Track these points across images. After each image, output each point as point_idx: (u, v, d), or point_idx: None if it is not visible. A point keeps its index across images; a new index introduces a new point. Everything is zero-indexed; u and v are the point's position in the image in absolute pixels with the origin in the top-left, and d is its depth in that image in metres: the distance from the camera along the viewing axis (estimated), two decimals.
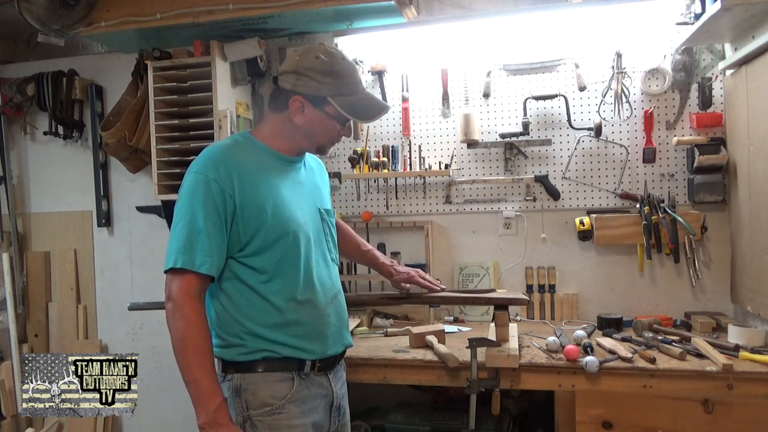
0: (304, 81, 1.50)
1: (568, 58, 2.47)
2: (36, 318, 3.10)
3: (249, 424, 1.43)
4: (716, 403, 1.77)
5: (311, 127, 1.53)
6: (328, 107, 1.51)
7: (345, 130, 1.59)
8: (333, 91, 1.50)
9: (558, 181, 2.51)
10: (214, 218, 1.41)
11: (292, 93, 1.51)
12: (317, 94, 1.50)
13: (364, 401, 2.67)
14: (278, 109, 1.55)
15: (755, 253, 2.07)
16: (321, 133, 1.55)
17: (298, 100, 1.50)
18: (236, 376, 1.45)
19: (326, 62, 1.51)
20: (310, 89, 1.50)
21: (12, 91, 2.99)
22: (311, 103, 1.51)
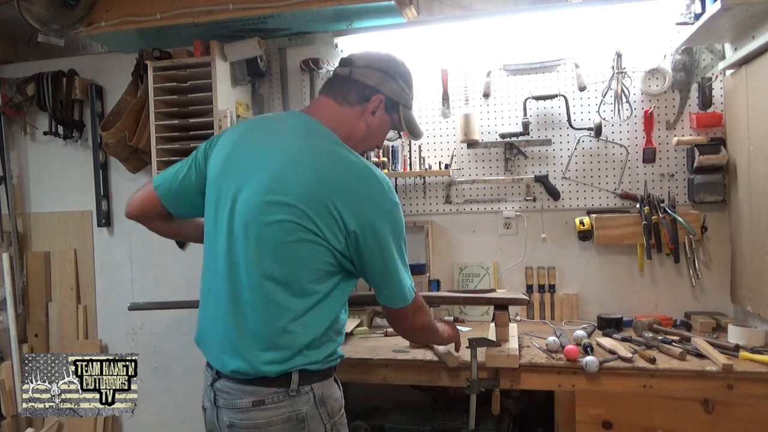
0: (390, 83, 1.49)
1: (568, 58, 2.47)
2: (36, 318, 3.10)
3: (335, 429, 1.44)
4: (716, 403, 1.77)
5: (375, 128, 1.49)
6: (395, 115, 1.52)
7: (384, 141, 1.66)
8: (407, 102, 1.54)
9: (558, 181, 2.51)
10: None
11: (375, 90, 1.47)
12: (396, 99, 1.50)
13: (364, 401, 2.67)
14: (350, 101, 1.45)
15: (755, 253, 2.07)
16: (375, 138, 1.53)
17: (380, 97, 1.47)
18: (316, 386, 1.37)
19: (409, 72, 1.56)
20: (393, 93, 1.49)
21: (12, 91, 2.99)
22: (385, 106, 1.49)
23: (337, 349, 1.43)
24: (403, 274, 1.40)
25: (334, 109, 1.45)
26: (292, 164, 1.32)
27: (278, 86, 2.79)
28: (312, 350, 1.33)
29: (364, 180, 1.33)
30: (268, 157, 1.35)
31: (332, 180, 1.31)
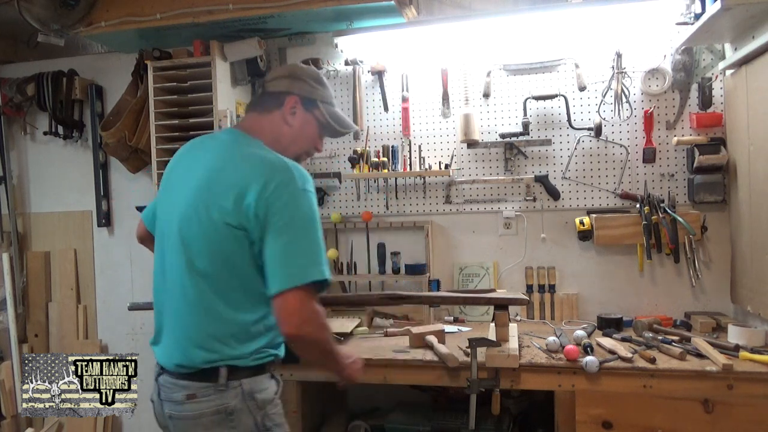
0: (299, 84, 1.57)
1: (568, 58, 2.47)
2: (36, 318, 3.10)
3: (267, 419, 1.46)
4: (716, 403, 1.77)
5: (301, 130, 1.57)
6: (317, 111, 1.58)
7: (320, 143, 1.66)
8: (323, 98, 1.60)
9: (558, 181, 2.51)
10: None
11: (287, 93, 1.56)
12: (310, 97, 1.57)
13: (364, 401, 2.67)
14: (268, 109, 1.56)
15: (755, 253, 2.07)
16: (305, 139, 1.59)
17: (294, 98, 1.56)
18: (245, 381, 1.42)
19: (316, 72, 1.64)
20: (305, 91, 1.57)
21: (12, 91, 2.99)
22: (303, 105, 1.57)
23: (267, 346, 1.44)
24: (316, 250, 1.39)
25: (257, 120, 1.56)
26: (217, 170, 1.43)
27: None
28: (239, 346, 1.40)
29: (274, 164, 1.41)
30: (199, 167, 1.47)
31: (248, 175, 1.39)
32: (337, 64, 2.71)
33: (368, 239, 2.66)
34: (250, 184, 1.36)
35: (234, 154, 1.46)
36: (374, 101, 2.69)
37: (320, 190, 2.76)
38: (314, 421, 2.33)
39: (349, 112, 2.71)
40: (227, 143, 1.50)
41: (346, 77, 2.71)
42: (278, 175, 1.37)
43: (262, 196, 1.34)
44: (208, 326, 1.40)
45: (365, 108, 2.70)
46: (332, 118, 1.61)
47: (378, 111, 2.69)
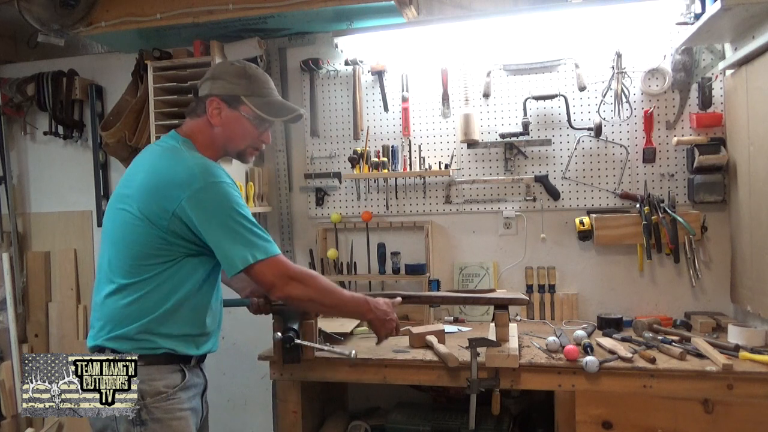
0: (218, 83, 1.60)
1: (568, 58, 2.47)
2: (36, 318, 3.10)
3: (145, 411, 1.48)
4: (716, 403, 1.77)
5: (229, 129, 1.61)
6: (243, 107, 1.60)
7: (264, 136, 1.68)
8: (246, 91, 1.60)
9: (558, 181, 2.51)
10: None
11: (207, 96, 1.60)
12: (231, 94, 1.59)
13: (364, 401, 2.68)
14: (196, 114, 1.62)
15: (755, 253, 2.07)
16: (239, 137, 1.62)
17: (214, 100, 1.58)
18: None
19: (239, 67, 1.63)
20: (225, 90, 1.59)
21: (12, 91, 2.99)
22: (227, 104, 1.59)
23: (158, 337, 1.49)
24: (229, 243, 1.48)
25: (190, 124, 1.63)
26: (141, 166, 1.56)
27: (278, 86, 2.77)
28: (120, 333, 1.48)
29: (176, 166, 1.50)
30: (135, 168, 1.59)
31: (162, 172, 1.50)
32: (337, 64, 2.71)
33: (368, 239, 2.66)
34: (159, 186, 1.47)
35: (158, 160, 1.54)
36: (374, 101, 2.69)
37: (320, 190, 2.76)
38: (314, 421, 2.33)
39: (349, 111, 2.72)
40: (162, 145, 1.59)
41: (346, 77, 2.71)
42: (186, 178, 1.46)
43: (171, 198, 1.45)
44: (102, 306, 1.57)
45: (365, 108, 2.70)
46: (263, 109, 1.61)
47: (378, 111, 2.69)
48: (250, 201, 2.64)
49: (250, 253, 1.48)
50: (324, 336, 2.14)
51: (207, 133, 1.61)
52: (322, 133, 2.76)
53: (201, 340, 1.59)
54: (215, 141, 1.62)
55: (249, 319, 2.06)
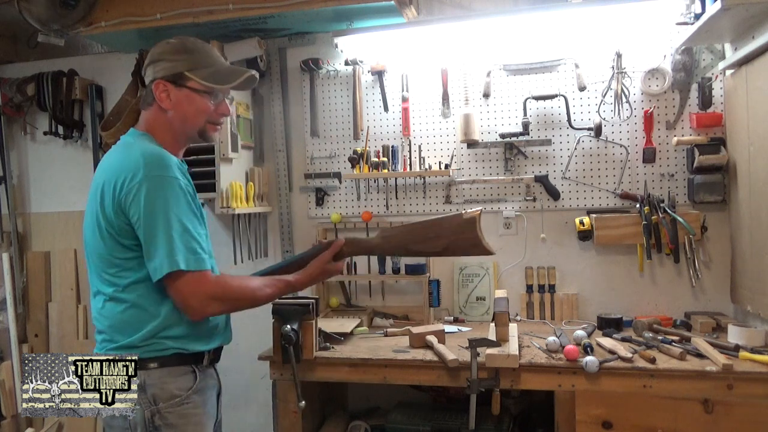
0: (160, 66, 1.51)
1: (568, 58, 2.47)
2: (36, 318, 3.10)
3: (158, 417, 1.43)
4: (716, 403, 1.77)
5: (182, 109, 1.51)
6: (190, 83, 1.50)
7: (221, 107, 1.58)
8: (189, 65, 1.51)
9: (558, 181, 2.51)
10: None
11: (152, 82, 1.52)
12: (175, 72, 1.50)
13: (364, 401, 2.68)
14: (148, 104, 1.54)
15: (755, 253, 2.07)
16: (194, 114, 1.53)
17: (160, 84, 1.50)
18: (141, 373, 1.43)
19: (175, 43, 1.54)
20: (168, 70, 1.50)
21: (12, 91, 2.99)
22: (173, 84, 1.50)
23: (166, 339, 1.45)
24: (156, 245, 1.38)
25: (145, 116, 1.56)
26: (100, 166, 1.52)
27: (278, 86, 2.79)
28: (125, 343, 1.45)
29: (126, 157, 1.44)
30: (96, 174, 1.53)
31: (109, 169, 1.45)
32: (337, 64, 2.71)
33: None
34: (109, 183, 1.41)
35: (108, 158, 1.50)
36: (374, 101, 2.69)
37: (320, 190, 2.76)
38: (314, 421, 2.33)
39: (349, 111, 2.72)
40: (120, 142, 1.54)
41: (346, 77, 2.71)
42: (130, 171, 1.39)
43: (117, 190, 1.39)
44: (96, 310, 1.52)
45: (365, 108, 2.70)
46: (211, 79, 1.51)
47: (378, 111, 2.69)
48: (250, 201, 2.64)
49: (174, 262, 1.37)
50: (324, 336, 2.15)
51: (162, 120, 1.53)
52: (322, 133, 2.76)
53: (211, 332, 1.54)
54: (173, 126, 1.53)
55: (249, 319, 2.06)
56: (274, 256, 2.84)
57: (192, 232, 1.41)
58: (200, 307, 1.41)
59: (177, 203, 1.40)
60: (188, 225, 1.41)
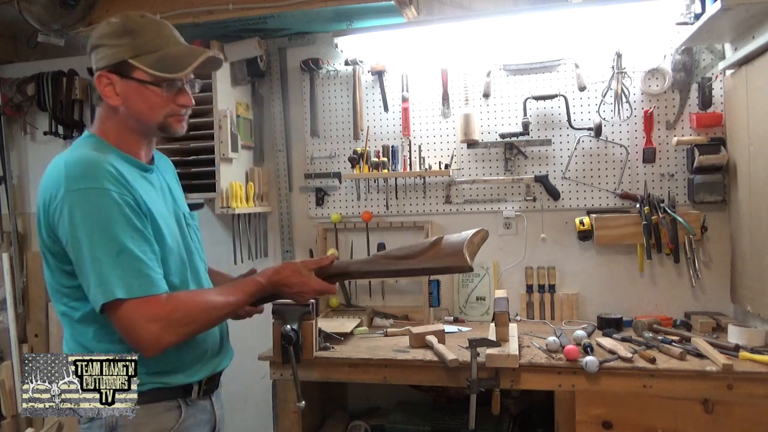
0: (101, 53, 1.28)
1: (568, 58, 2.47)
2: (36, 318, 3.10)
3: None
4: (716, 403, 1.77)
5: (132, 105, 1.28)
6: (137, 72, 1.26)
7: (181, 98, 1.33)
8: (133, 51, 1.26)
9: (558, 181, 2.51)
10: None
11: (95, 74, 1.29)
12: (118, 61, 1.26)
13: (364, 401, 2.68)
14: (99, 99, 1.32)
15: (755, 253, 2.07)
16: (147, 109, 1.29)
17: (102, 76, 1.27)
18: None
19: (116, 23, 1.29)
20: (109, 58, 1.26)
21: (12, 91, 2.99)
22: (117, 75, 1.27)
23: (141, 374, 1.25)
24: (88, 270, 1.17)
25: (97, 114, 1.36)
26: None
27: (278, 86, 2.79)
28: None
29: (52, 171, 1.24)
30: None
31: (43, 181, 1.26)
32: (337, 64, 2.71)
33: (368, 239, 2.66)
34: (40, 202, 1.24)
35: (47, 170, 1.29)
36: (374, 101, 2.69)
37: (320, 190, 2.76)
38: (314, 421, 2.33)
39: (349, 111, 2.72)
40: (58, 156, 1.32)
41: (346, 77, 2.71)
42: (53, 187, 1.20)
43: (46, 212, 1.21)
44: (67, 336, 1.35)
45: (365, 108, 2.70)
46: (159, 67, 1.27)
47: (378, 111, 2.69)
48: (250, 201, 2.64)
49: (108, 290, 1.15)
50: (324, 336, 2.15)
51: (114, 119, 1.31)
52: (322, 133, 2.76)
53: (199, 359, 1.35)
54: (127, 124, 1.31)
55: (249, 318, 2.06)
56: (274, 256, 2.84)
57: (132, 251, 1.18)
58: (152, 339, 1.17)
59: (108, 219, 1.17)
60: (127, 243, 1.17)
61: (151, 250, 1.23)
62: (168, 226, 1.33)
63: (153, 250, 1.24)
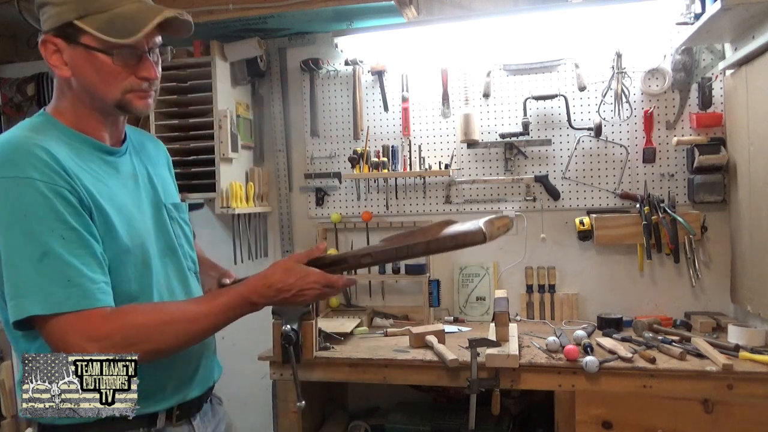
0: (46, 12, 1.07)
1: (568, 58, 2.47)
2: None
3: None
4: (716, 403, 1.77)
5: (83, 77, 1.07)
6: (84, 37, 1.04)
7: (142, 69, 1.08)
8: (79, 11, 1.04)
9: (558, 181, 2.51)
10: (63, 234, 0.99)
11: (37, 42, 1.10)
12: (63, 22, 1.04)
13: (364, 401, 2.68)
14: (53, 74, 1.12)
15: (755, 253, 2.07)
16: (100, 82, 1.06)
17: (47, 41, 1.07)
18: None
19: None
20: (54, 19, 1.05)
21: (12, 91, 2.99)
22: (64, 40, 1.05)
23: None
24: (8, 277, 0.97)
25: (56, 88, 1.14)
26: None
27: (278, 86, 2.79)
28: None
29: None
30: None
31: None
32: (337, 64, 2.71)
33: (368, 239, 2.66)
34: None
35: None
36: (374, 101, 2.69)
37: (320, 190, 2.76)
38: (314, 421, 2.33)
39: (349, 111, 2.72)
40: None
41: (346, 77, 2.71)
42: None
43: None
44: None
45: (365, 108, 2.70)
46: (108, 30, 1.02)
47: (378, 111, 2.69)
48: (250, 201, 2.64)
49: (20, 306, 0.95)
50: (324, 336, 2.15)
51: (69, 94, 1.10)
52: (322, 133, 2.76)
53: (162, 389, 1.14)
54: (82, 101, 1.09)
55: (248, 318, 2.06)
56: (274, 256, 2.84)
57: (61, 255, 0.96)
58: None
59: (29, 215, 0.95)
60: (53, 245, 0.96)
61: (89, 254, 1.00)
62: (128, 221, 1.10)
63: (93, 254, 1.00)
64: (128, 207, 1.12)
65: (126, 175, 1.17)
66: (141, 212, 1.16)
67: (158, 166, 1.31)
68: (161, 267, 1.18)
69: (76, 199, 1.00)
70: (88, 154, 1.09)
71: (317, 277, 1.17)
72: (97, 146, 1.12)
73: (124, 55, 1.06)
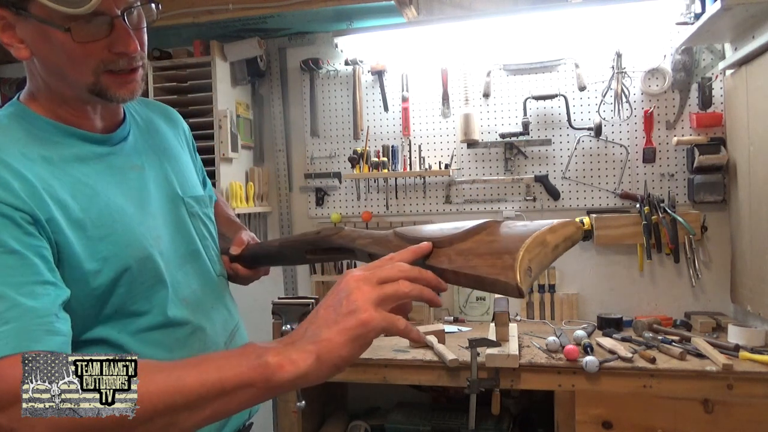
0: None
1: (568, 58, 2.47)
2: None
3: None
4: (716, 403, 1.77)
5: (44, 57, 0.87)
6: (33, 6, 0.81)
7: (117, 42, 0.84)
8: None
9: (558, 181, 2.51)
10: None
11: None
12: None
13: (364, 401, 2.67)
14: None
15: (755, 253, 2.07)
16: (66, 62, 0.85)
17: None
18: None
19: None
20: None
21: (12, 91, 2.99)
22: (16, 14, 0.83)
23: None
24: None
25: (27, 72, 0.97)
26: None
27: (278, 86, 2.79)
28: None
29: None
30: None
31: None
32: (337, 64, 2.71)
33: None
34: None
35: None
36: (374, 101, 2.69)
37: (320, 190, 2.76)
38: (314, 421, 2.33)
39: (349, 111, 2.72)
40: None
41: (346, 77, 2.71)
42: None
43: None
44: None
45: (365, 108, 2.70)
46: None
47: (378, 111, 2.69)
48: (250, 201, 2.64)
49: None
50: None
51: (38, 78, 0.93)
52: (322, 133, 2.76)
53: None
54: (48, 85, 0.91)
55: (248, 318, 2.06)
56: None
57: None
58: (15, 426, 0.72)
59: None
60: None
61: (39, 282, 0.77)
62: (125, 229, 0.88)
63: (44, 281, 0.77)
64: (125, 211, 0.90)
65: (125, 168, 0.95)
66: (147, 213, 0.94)
67: (173, 149, 1.07)
68: (182, 277, 0.96)
69: (27, 211, 0.78)
70: (68, 149, 0.89)
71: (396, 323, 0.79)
72: (82, 136, 0.91)
73: (85, 28, 0.81)
